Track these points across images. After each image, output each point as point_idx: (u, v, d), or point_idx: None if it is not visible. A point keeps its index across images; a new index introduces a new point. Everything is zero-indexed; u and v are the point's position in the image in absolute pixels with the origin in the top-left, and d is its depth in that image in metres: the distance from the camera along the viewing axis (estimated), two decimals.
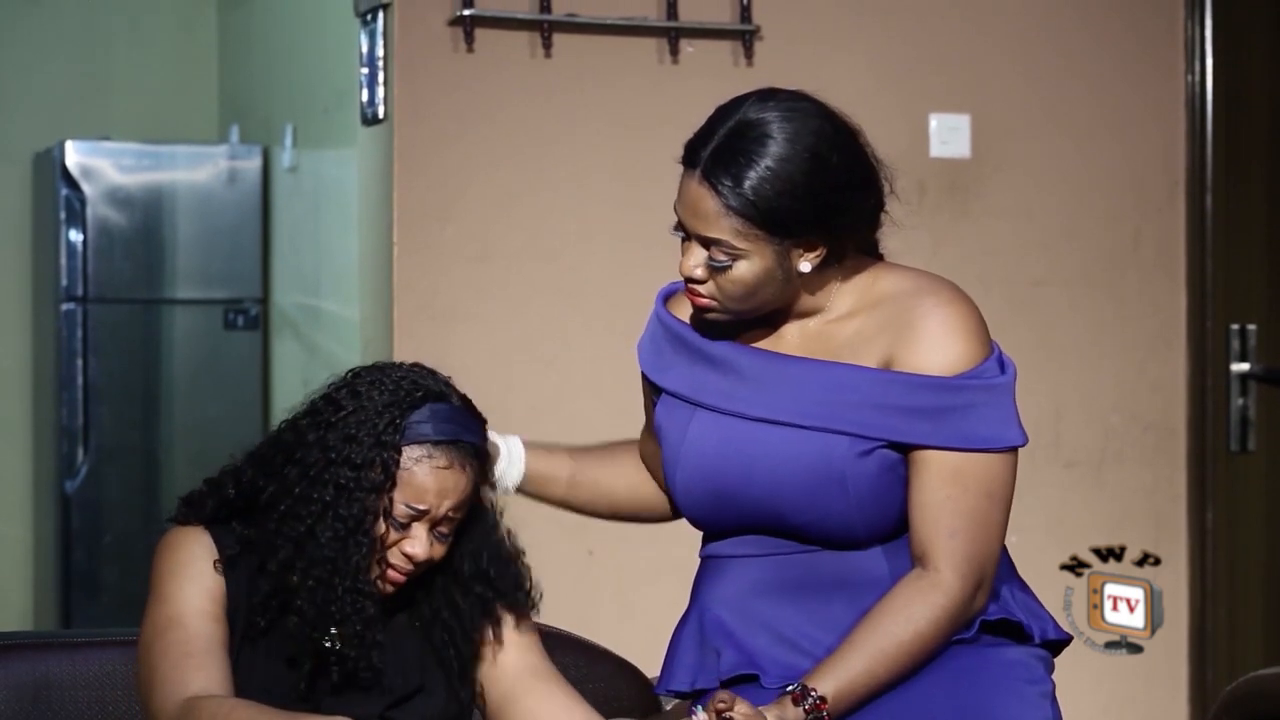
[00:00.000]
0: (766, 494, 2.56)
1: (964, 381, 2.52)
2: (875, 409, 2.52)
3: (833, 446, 2.52)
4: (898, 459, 2.54)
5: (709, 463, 2.60)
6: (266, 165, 6.97)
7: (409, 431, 2.49)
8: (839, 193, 2.53)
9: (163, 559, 2.56)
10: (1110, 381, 4.83)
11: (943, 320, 2.55)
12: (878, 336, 2.56)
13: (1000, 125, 4.74)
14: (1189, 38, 4.84)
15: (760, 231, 2.48)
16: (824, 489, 2.52)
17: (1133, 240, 4.84)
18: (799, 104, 2.58)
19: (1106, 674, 4.75)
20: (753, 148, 2.49)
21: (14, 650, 2.72)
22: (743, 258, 2.50)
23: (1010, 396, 2.55)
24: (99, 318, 6.82)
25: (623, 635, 2.77)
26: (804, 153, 2.51)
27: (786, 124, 2.53)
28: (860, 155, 2.61)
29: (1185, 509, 4.87)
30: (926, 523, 2.52)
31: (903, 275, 2.62)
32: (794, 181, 2.49)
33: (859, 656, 2.49)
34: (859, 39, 4.65)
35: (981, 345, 2.55)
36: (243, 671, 2.50)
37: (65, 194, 6.80)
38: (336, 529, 2.46)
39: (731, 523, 2.63)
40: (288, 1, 6.75)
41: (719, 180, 2.48)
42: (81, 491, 6.79)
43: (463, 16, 4.32)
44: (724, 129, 2.52)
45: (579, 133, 4.45)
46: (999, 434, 2.53)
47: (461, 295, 4.37)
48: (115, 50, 7.47)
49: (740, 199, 2.47)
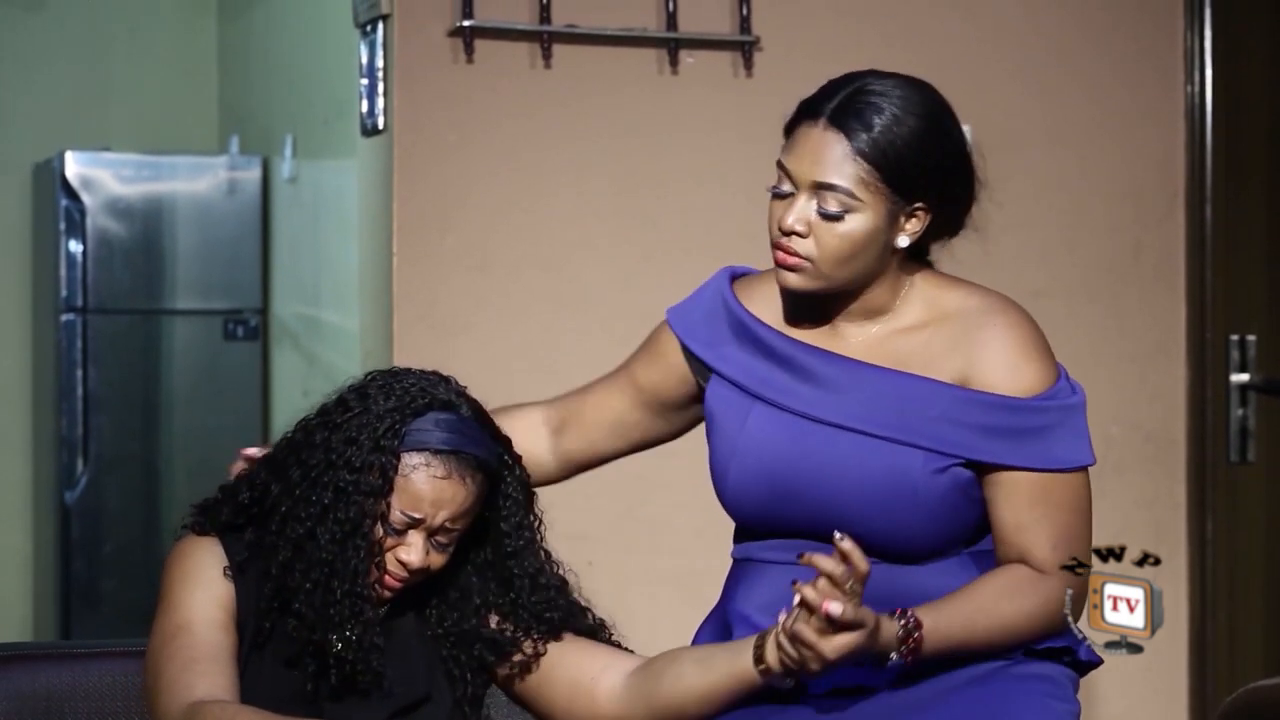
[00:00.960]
0: (832, 500, 2.54)
1: (1042, 403, 2.53)
2: (953, 425, 2.51)
3: (908, 460, 2.52)
4: (970, 478, 2.54)
5: (771, 461, 2.57)
6: (266, 176, 6.97)
7: (409, 438, 2.49)
8: (957, 163, 2.58)
9: (173, 567, 2.57)
10: (1110, 392, 4.82)
11: (1016, 341, 2.56)
12: (950, 353, 2.56)
13: (1000, 136, 4.74)
14: (1189, 48, 4.85)
15: (882, 183, 2.51)
16: (895, 502, 2.51)
17: (1133, 251, 4.84)
18: (911, 79, 2.61)
19: (1107, 684, 4.74)
20: (881, 102, 2.52)
21: (14, 661, 2.72)
22: (857, 210, 2.51)
23: (1082, 416, 2.57)
24: (99, 328, 6.81)
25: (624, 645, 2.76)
26: (929, 116, 2.55)
27: (909, 90, 2.57)
28: (964, 136, 2.65)
29: (1185, 519, 4.87)
30: (1024, 539, 2.54)
31: (969, 291, 2.64)
32: (921, 138, 2.53)
33: (962, 607, 2.48)
34: (859, 50, 4.65)
35: (1052, 366, 2.57)
36: (251, 678, 2.50)
37: (65, 204, 6.79)
38: (334, 532, 2.46)
39: (783, 524, 2.60)
40: (288, 12, 6.75)
41: (849, 125, 2.50)
42: (81, 502, 6.79)
43: (462, 27, 4.32)
44: (846, 90, 2.54)
45: (579, 143, 4.45)
46: (1076, 454, 2.55)
47: (461, 305, 4.37)
48: (115, 60, 7.47)
49: (871, 144, 2.50)
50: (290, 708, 2.46)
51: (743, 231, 4.53)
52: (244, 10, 7.31)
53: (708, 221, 4.48)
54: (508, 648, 2.58)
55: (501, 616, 2.59)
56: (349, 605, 2.47)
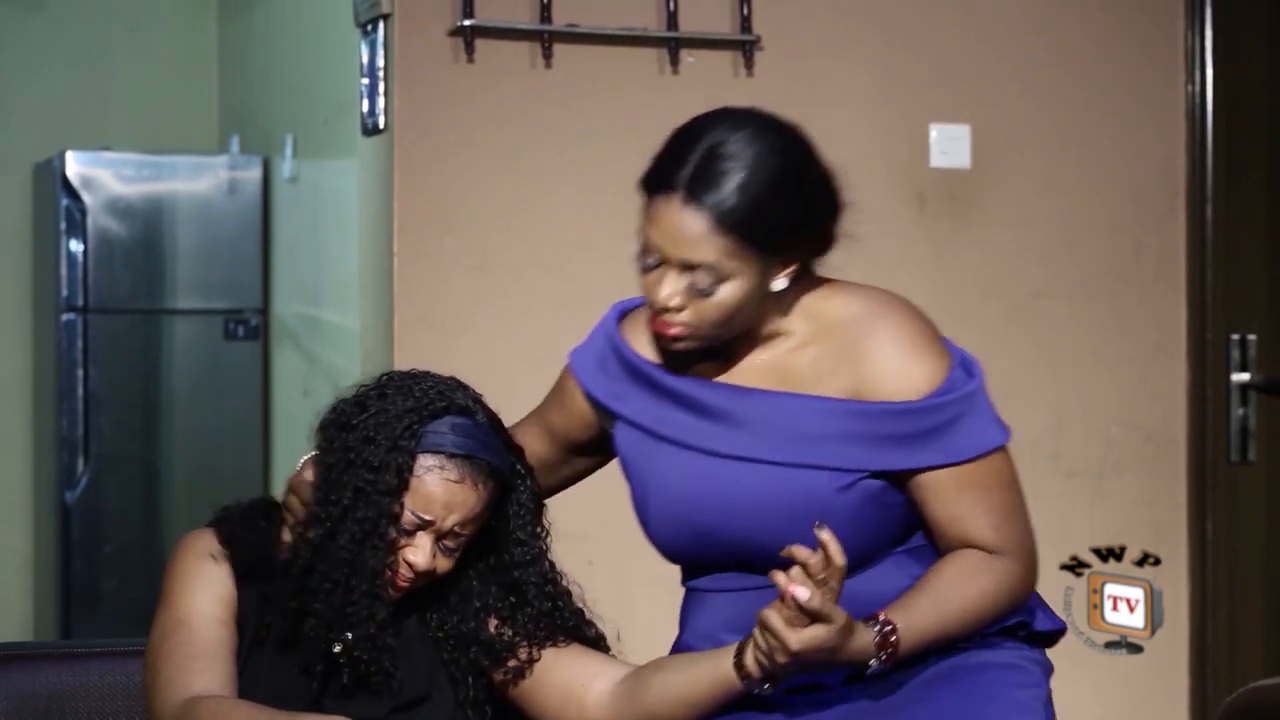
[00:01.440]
0: (747, 533, 2.53)
1: (937, 401, 2.50)
2: (852, 440, 2.49)
3: (813, 482, 2.49)
4: (882, 486, 2.51)
5: (684, 502, 2.56)
6: (267, 175, 6.97)
7: (425, 440, 2.49)
8: (817, 201, 2.52)
9: (175, 563, 2.58)
10: (1111, 392, 4.83)
11: (900, 344, 2.52)
12: (838, 368, 2.52)
13: (1001, 136, 4.74)
14: (1189, 48, 4.85)
15: (749, 249, 2.45)
16: (807, 525, 2.46)
17: (1133, 250, 4.84)
18: (759, 118, 2.53)
19: (1107, 684, 4.74)
20: (731, 165, 2.45)
21: (14, 661, 2.72)
22: (728, 279, 2.46)
23: (984, 398, 2.54)
24: (99, 328, 6.81)
25: (624, 646, 2.76)
26: (786, 169, 2.48)
27: (758, 137, 2.49)
28: (822, 164, 2.56)
29: (1186, 519, 4.87)
30: (963, 526, 2.52)
31: (850, 296, 2.58)
32: (782, 196, 2.46)
33: (928, 599, 2.46)
34: (859, 49, 4.65)
35: (942, 358, 2.54)
36: (251, 675, 2.51)
37: (66, 204, 6.80)
38: (354, 532, 2.47)
39: (711, 559, 2.60)
40: (288, 12, 6.75)
41: (705, 199, 2.44)
42: (81, 502, 6.79)
43: (463, 27, 4.32)
44: (696, 151, 2.48)
45: (579, 143, 4.45)
46: (984, 440, 2.53)
47: (462, 305, 4.37)
48: (116, 60, 7.47)
49: (731, 216, 2.44)
50: (290, 704, 2.46)
51: None
52: (244, 10, 7.31)
53: None
54: (504, 652, 2.58)
55: (500, 621, 2.59)
56: (365, 605, 2.48)
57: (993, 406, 2.56)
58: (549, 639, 2.59)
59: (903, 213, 4.68)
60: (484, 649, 2.58)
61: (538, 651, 2.59)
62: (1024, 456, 4.74)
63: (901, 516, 2.55)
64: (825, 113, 4.63)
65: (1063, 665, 2.75)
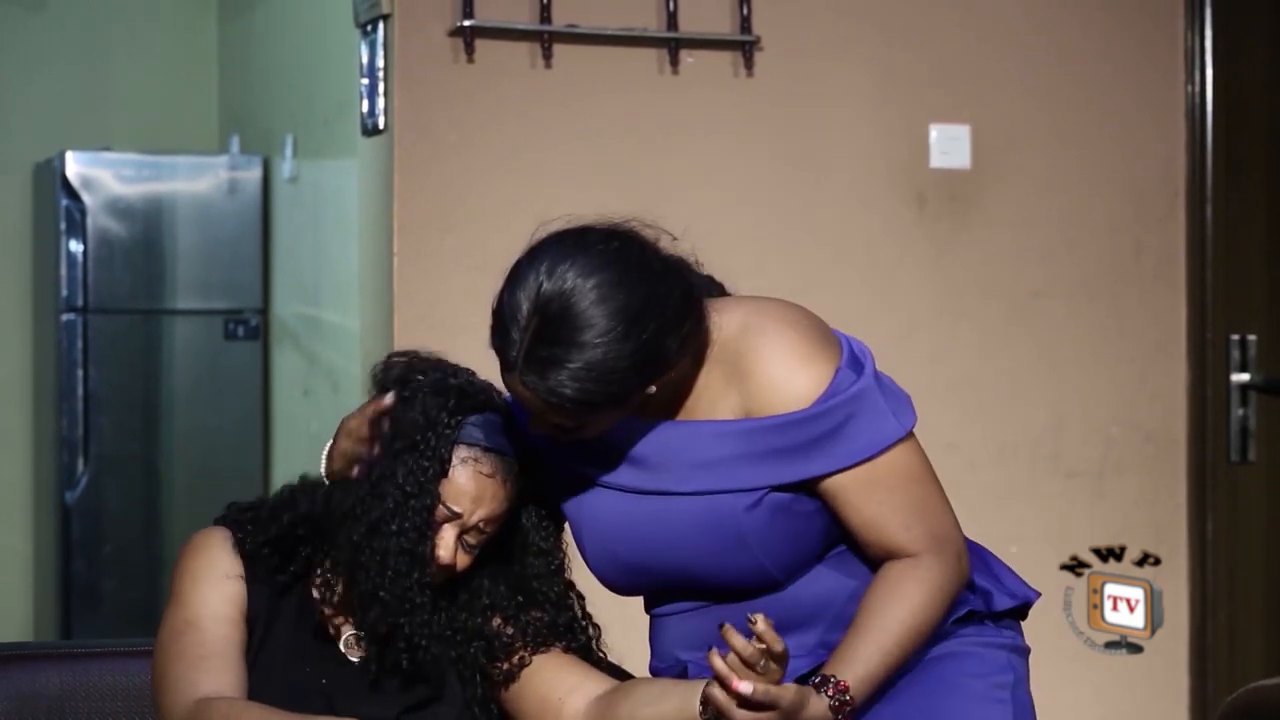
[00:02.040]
0: (676, 564, 2.54)
1: (824, 406, 2.46)
2: (747, 459, 2.48)
3: (720, 505, 2.49)
4: (790, 498, 2.50)
5: (612, 541, 2.57)
6: (267, 175, 6.97)
7: (464, 431, 2.50)
8: (668, 344, 2.44)
9: (185, 561, 2.57)
10: (1111, 392, 4.83)
11: (778, 355, 2.49)
12: (728, 388, 2.51)
13: (1001, 136, 4.74)
14: (1189, 48, 4.85)
15: (604, 406, 2.42)
16: (726, 548, 2.49)
17: (1133, 251, 4.84)
18: (593, 272, 2.43)
19: (1107, 684, 4.74)
20: (565, 352, 2.38)
21: (14, 661, 2.72)
22: (593, 419, 2.44)
23: (875, 394, 2.50)
24: (99, 328, 6.81)
25: (626, 655, 2.77)
26: (626, 336, 2.40)
27: (593, 310, 2.40)
28: (667, 279, 2.48)
29: (1186, 519, 4.87)
30: (878, 533, 2.50)
31: (729, 316, 2.53)
32: (621, 369, 2.40)
33: (865, 640, 2.45)
34: (859, 49, 4.65)
35: (826, 361, 2.49)
36: (261, 674, 2.51)
37: (65, 204, 6.79)
38: (414, 520, 2.47)
39: (653, 589, 2.62)
40: (288, 12, 6.75)
41: (535, 388, 2.39)
42: (82, 502, 6.79)
43: (463, 27, 4.32)
44: (521, 328, 2.40)
45: (579, 143, 4.45)
46: (879, 436, 2.49)
47: (462, 305, 4.36)
48: (115, 60, 7.47)
49: (572, 404, 2.39)
50: (301, 704, 2.46)
51: (742, 232, 4.54)
52: (244, 10, 7.30)
53: (708, 221, 4.47)
54: (501, 652, 2.58)
55: (504, 620, 2.59)
56: (418, 592, 2.48)
57: (894, 396, 2.52)
58: (541, 642, 2.59)
59: (903, 213, 4.68)
60: (485, 645, 2.58)
61: (529, 655, 2.59)
62: (1024, 456, 4.79)
63: (824, 523, 2.54)
64: (825, 113, 4.63)
65: (1064, 666, 2.75)
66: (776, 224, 4.56)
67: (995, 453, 4.73)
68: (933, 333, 4.66)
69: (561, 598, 2.62)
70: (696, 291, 2.52)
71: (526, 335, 2.39)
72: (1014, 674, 2.59)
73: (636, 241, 2.53)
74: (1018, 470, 4.76)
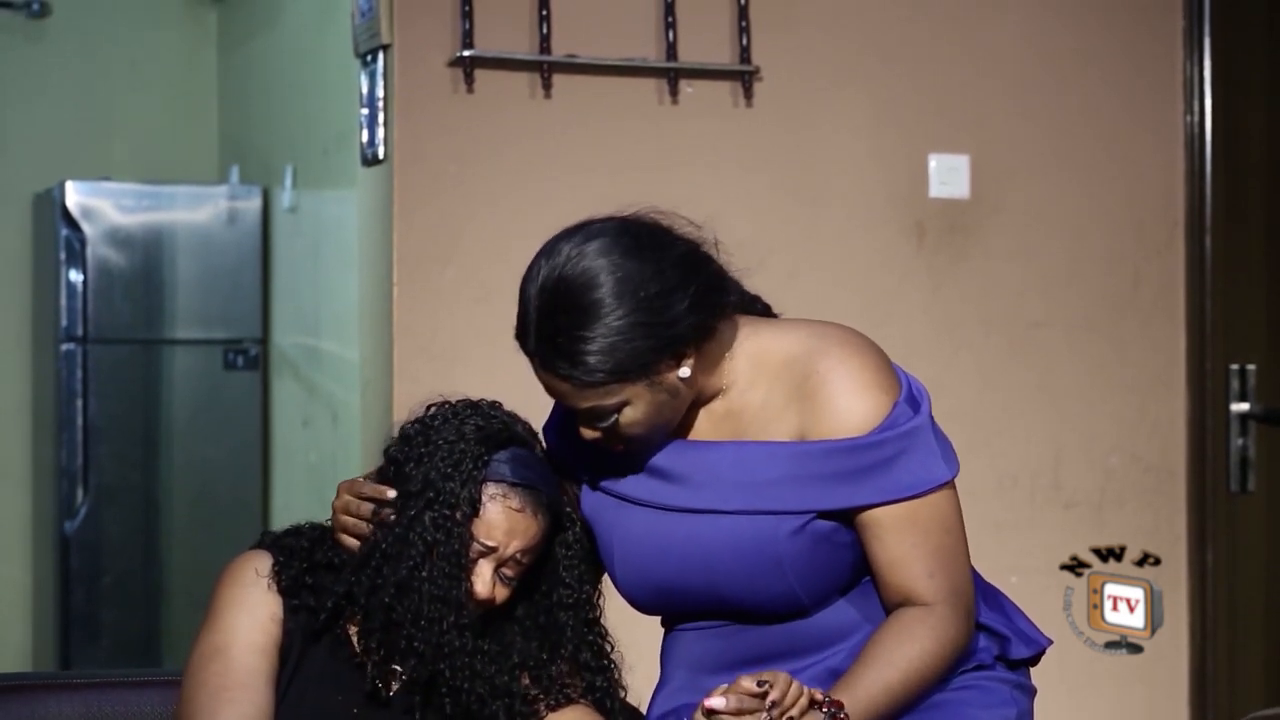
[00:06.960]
0: (706, 584, 2.54)
1: (879, 437, 2.48)
2: (795, 482, 2.49)
3: (763, 527, 2.50)
4: (832, 527, 2.51)
5: (644, 558, 2.58)
6: (266, 206, 6.98)
7: (490, 468, 2.51)
8: (674, 304, 2.47)
9: (222, 586, 2.57)
10: (1110, 422, 4.83)
11: (843, 381, 2.50)
12: (786, 409, 2.52)
13: (1000, 166, 4.75)
14: (1188, 79, 4.86)
15: (625, 382, 2.45)
16: (762, 571, 2.50)
17: (1132, 281, 4.84)
18: (590, 243, 2.50)
19: (1107, 711, 4.74)
20: (573, 321, 2.45)
21: (13, 692, 2.72)
22: (626, 406, 2.47)
23: (929, 434, 2.52)
24: (99, 358, 6.81)
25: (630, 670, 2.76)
26: (622, 296, 2.45)
27: (593, 274, 2.46)
28: (670, 247, 2.53)
29: (1185, 550, 4.87)
30: (901, 574, 2.51)
31: (793, 336, 2.57)
32: (628, 330, 2.44)
33: (870, 672, 2.46)
34: (858, 79, 4.66)
35: (887, 393, 2.51)
36: (292, 703, 2.50)
37: (65, 234, 6.80)
38: (440, 566, 2.47)
39: (679, 610, 2.62)
40: (288, 43, 6.76)
41: (558, 368, 2.46)
42: (81, 532, 6.78)
43: (463, 57, 4.33)
44: (535, 309, 2.49)
45: (579, 174, 4.45)
46: (928, 475, 2.50)
47: (462, 336, 4.37)
48: (115, 91, 7.48)
49: (588, 375, 2.44)
50: None
51: (743, 260, 4.54)
52: (244, 40, 7.32)
53: None
54: (524, 708, 2.57)
55: (532, 680, 2.59)
56: (456, 636, 2.49)
57: (943, 441, 2.55)
58: (563, 700, 2.59)
59: (901, 243, 4.68)
60: (506, 705, 2.57)
61: (547, 712, 2.59)
62: (1023, 487, 4.78)
63: (856, 557, 2.55)
64: (824, 143, 4.64)
65: (1064, 682, 2.74)
66: (775, 254, 4.56)
67: (994, 483, 4.73)
68: (931, 363, 4.66)
69: (589, 646, 2.62)
70: (704, 250, 2.55)
71: (534, 317, 2.48)
72: (1017, 708, 2.60)
73: (635, 217, 2.57)
74: (1017, 501, 4.76)
